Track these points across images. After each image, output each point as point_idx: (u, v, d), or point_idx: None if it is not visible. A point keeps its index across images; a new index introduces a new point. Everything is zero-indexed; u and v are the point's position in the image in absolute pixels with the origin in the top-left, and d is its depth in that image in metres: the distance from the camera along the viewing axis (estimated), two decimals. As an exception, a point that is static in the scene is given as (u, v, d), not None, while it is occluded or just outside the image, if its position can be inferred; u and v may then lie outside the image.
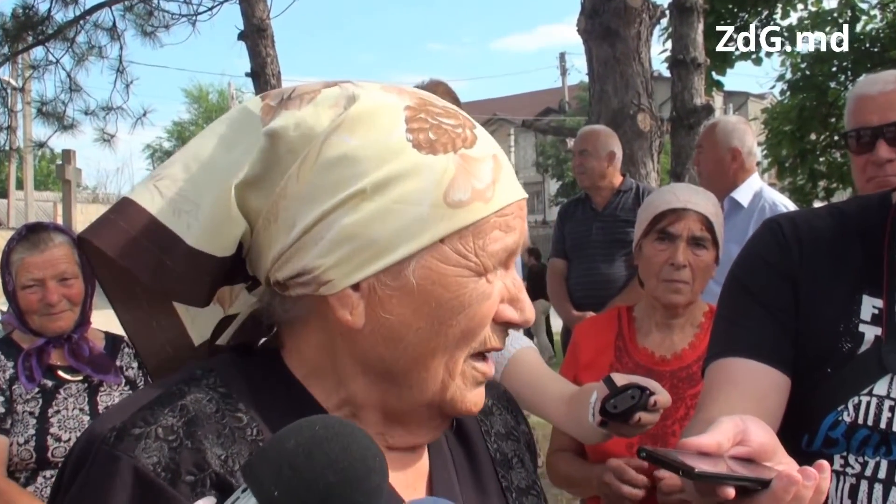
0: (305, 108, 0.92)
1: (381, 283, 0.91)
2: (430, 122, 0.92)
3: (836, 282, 1.50)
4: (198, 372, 0.96)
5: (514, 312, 0.98)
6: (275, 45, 9.24)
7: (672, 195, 2.44)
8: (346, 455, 0.76)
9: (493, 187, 0.93)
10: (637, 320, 2.53)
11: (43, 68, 10.11)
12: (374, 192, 0.89)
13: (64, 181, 15.00)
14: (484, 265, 0.93)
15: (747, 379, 1.47)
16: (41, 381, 2.75)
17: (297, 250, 0.91)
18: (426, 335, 0.93)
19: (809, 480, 0.98)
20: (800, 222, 1.58)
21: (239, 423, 0.93)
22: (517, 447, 1.19)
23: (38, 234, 2.77)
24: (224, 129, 0.96)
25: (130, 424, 0.88)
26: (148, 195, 0.95)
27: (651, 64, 6.14)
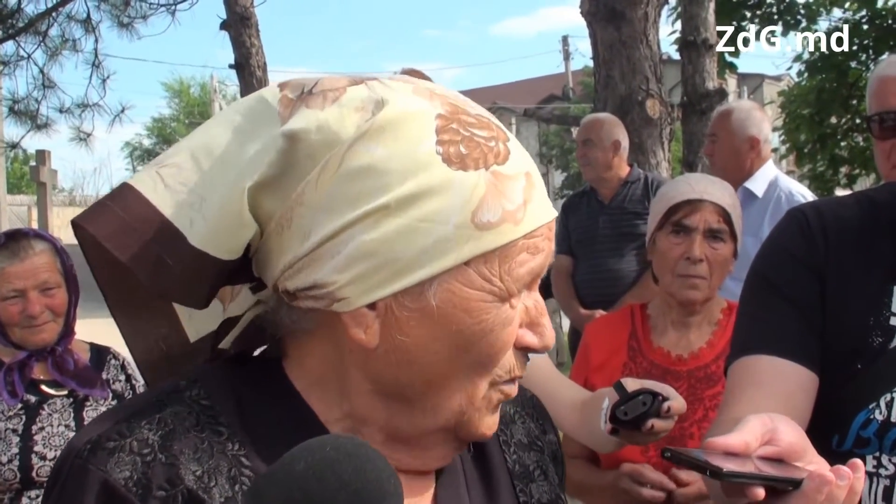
0: (329, 108, 0.90)
1: (399, 304, 0.90)
2: (462, 133, 0.90)
3: (866, 274, 1.51)
4: (182, 383, 0.96)
5: (534, 338, 0.97)
6: (259, 34, 9.26)
7: (687, 186, 2.45)
8: (359, 477, 0.75)
9: (524, 208, 0.91)
10: (651, 318, 2.53)
11: (14, 64, 10.10)
12: (399, 209, 0.87)
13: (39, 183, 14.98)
14: (509, 290, 0.92)
15: (773, 377, 1.47)
16: (24, 396, 2.74)
17: (311, 261, 0.90)
18: (443, 359, 0.92)
19: (843, 480, 0.99)
20: (826, 212, 1.58)
21: (219, 437, 0.92)
22: (540, 458, 1.17)
23: (17, 242, 2.75)
24: (238, 119, 0.94)
25: (105, 438, 0.89)
26: (150, 182, 0.93)
27: (660, 46, 6.13)
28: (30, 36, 9.91)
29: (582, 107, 23.99)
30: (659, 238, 2.45)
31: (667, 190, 2.51)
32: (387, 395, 0.95)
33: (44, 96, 10.16)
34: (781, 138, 15.84)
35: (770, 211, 4.06)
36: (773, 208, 4.07)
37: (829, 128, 14.73)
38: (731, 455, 1.02)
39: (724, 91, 6.53)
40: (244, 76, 9.16)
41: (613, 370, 2.46)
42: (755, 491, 0.98)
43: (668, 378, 2.40)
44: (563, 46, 38.88)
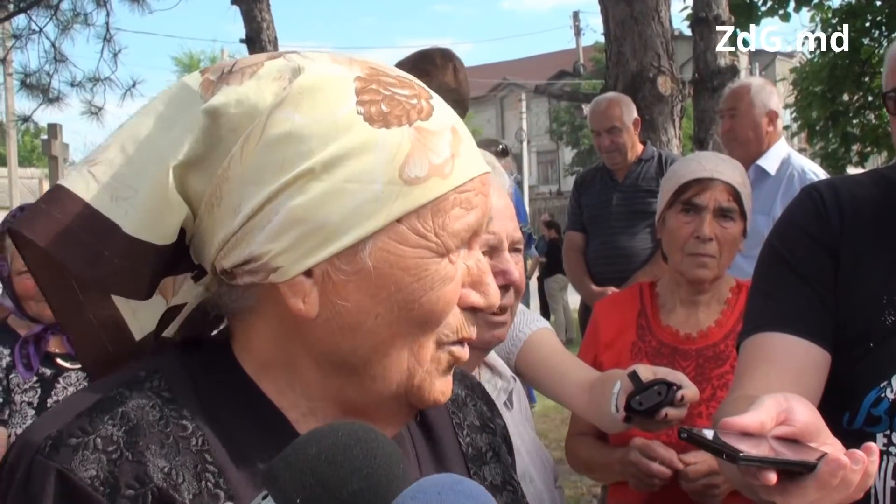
0: (248, 82, 0.90)
1: (335, 268, 0.89)
2: (382, 93, 0.90)
3: (879, 252, 1.51)
4: (141, 374, 0.94)
5: (479, 297, 0.96)
6: (270, 9, 9.23)
7: (697, 164, 2.44)
8: (370, 462, 0.76)
9: (451, 162, 0.91)
10: (660, 296, 2.54)
11: (25, 38, 10.11)
12: (323, 172, 0.87)
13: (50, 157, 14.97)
14: (445, 245, 0.91)
15: (786, 355, 1.48)
16: (39, 369, 2.76)
17: (244, 235, 0.89)
18: (386, 321, 0.91)
19: (857, 464, 0.99)
20: (841, 190, 1.58)
21: (183, 431, 0.91)
22: (492, 440, 1.17)
23: None
24: (161, 108, 0.93)
25: (67, 434, 0.86)
26: (82, 182, 0.92)
27: (671, 23, 6.10)
28: (41, 10, 9.91)
29: (593, 83, 23.87)
30: (669, 216, 2.45)
31: (677, 168, 2.51)
32: (334, 367, 0.94)
33: (55, 70, 10.18)
34: (793, 116, 15.76)
35: (783, 189, 4.05)
36: (785, 186, 4.06)
37: (842, 105, 14.64)
38: (746, 435, 1.03)
39: (736, 68, 6.49)
40: (255, 51, 9.12)
41: (622, 348, 2.47)
42: (767, 476, 0.98)
43: (677, 357, 2.42)
44: (575, 22, 38.65)
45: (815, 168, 4.31)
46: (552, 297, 14.48)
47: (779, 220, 1.63)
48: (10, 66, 12.21)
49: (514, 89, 36.88)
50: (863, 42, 14.04)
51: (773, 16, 12.58)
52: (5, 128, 15.19)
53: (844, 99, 14.63)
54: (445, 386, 0.98)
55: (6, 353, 2.78)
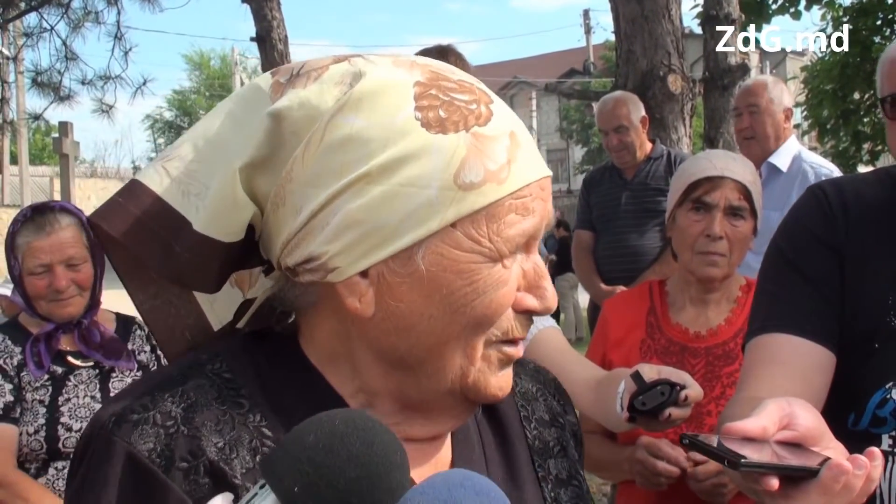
0: (311, 86, 0.92)
1: (390, 270, 0.91)
2: (441, 98, 0.92)
3: (885, 252, 1.50)
4: (203, 357, 0.99)
5: (535, 301, 0.97)
6: (281, 7, 9.24)
7: (708, 162, 2.44)
8: (367, 450, 0.77)
9: (507, 167, 0.92)
10: (670, 295, 2.53)
11: (37, 36, 10.14)
12: (380, 175, 0.89)
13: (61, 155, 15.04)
14: (499, 251, 0.92)
15: (790, 356, 1.48)
16: (50, 367, 2.76)
17: (305, 236, 0.92)
18: (439, 323, 0.93)
19: (860, 469, 0.99)
20: (846, 189, 1.57)
21: (240, 409, 0.95)
22: (561, 435, 1.18)
23: (43, 216, 2.75)
24: (233, 107, 0.97)
25: (129, 410, 0.92)
26: (157, 177, 0.97)
27: (682, 21, 6.09)
28: (52, 8, 9.94)
29: (603, 81, 23.85)
30: (679, 215, 2.45)
31: (687, 166, 2.51)
32: (390, 364, 0.96)
33: (66, 68, 10.21)
34: (804, 114, 15.71)
35: (797, 185, 4.04)
36: (800, 182, 4.05)
37: (853, 103, 14.58)
38: (748, 440, 1.02)
39: (747, 66, 6.47)
40: (265, 49, 9.14)
41: (631, 346, 2.47)
42: (770, 482, 0.98)
43: (686, 355, 2.41)
44: (585, 20, 38.59)
45: (827, 163, 4.30)
46: (562, 295, 14.47)
47: (784, 219, 1.62)
48: (22, 65, 12.26)
49: (524, 88, 36.86)
50: (874, 40, 13.99)
51: (784, 14, 12.54)
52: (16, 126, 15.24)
53: (855, 97, 14.58)
54: (502, 381, 0.99)
55: (17, 352, 2.77)
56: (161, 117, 47.26)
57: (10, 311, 5.65)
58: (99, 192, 27.45)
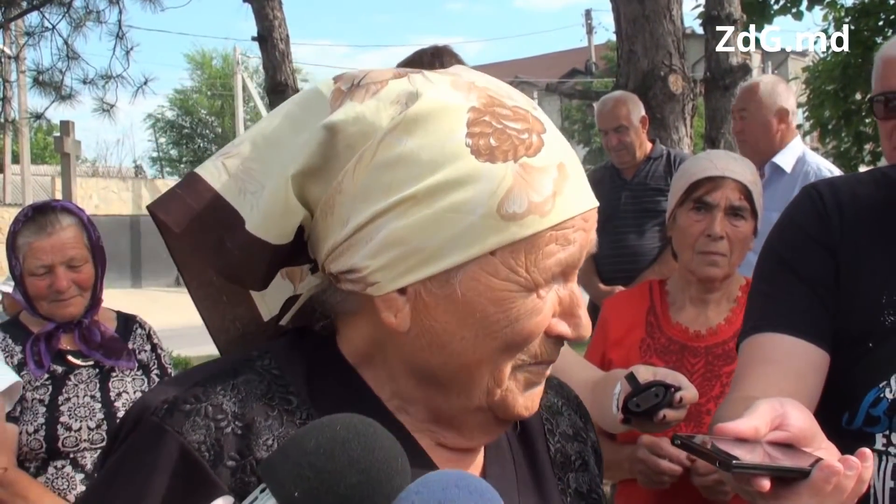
0: (368, 101, 0.94)
1: (427, 290, 0.94)
2: (493, 126, 0.92)
3: (879, 252, 1.51)
4: (254, 353, 1.01)
5: (567, 328, 0.98)
6: (282, 7, 9.24)
7: (709, 162, 2.44)
8: (368, 456, 0.77)
9: (552, 200, 0.92)
10: (670, 294, 2.54)
11: (38, 35, 10.14)
12: (426, 198, 0.91)
13: (62, 154, 15.08)
14: (535, 281, 0.93)
15: (785, 355, 1.48)
16: (50, 366, 2.76)
17: (349, 247, 0.94)
18: (471, 345, 0.95)
19: (851, 470, 0.99)
20: (841, 189, 1.58)
21: (288, 405, 0.97)
22: (583, 449, 1.20)
23: (45, 216, 2.74)
24: (294, 109, 0.99)
25: (182, 400, 0.93)
26: (215, 171, 0.99)
27: (683, 21, 6.09)
28: (54, 7, 9.95)
29: (604, 82, 23.85)
30: (679, 214, 2.45)
31: (688, 166, 2.51)
32: (422, 377, 0.98)
33: (68, 67, 10.21)
34: (805, 115, 15.69)
35: (799, 186, 4.04)
36: (801, 183, 4.05)
37: (854, 104, 14.55)
38: (740, 441, 1.02)
39: (748, 66, 6.47)
40: (267, 49, 9.14)
41: (631, 345, 2.47)
42: (761, 482, 0.99)
43: (686, 354, 2.41)
44: (587, 20, 38.58)
45: (830, 166, 4.30)
46: (563, 295, 14.44)
47: (779, 220, 1.63)
48: (23, 64, 12.25)
49: (526, 87, 36.86)
50: (875, 41, 13.96)
51: (786, 14, 12.53)
52: (18, 125, 15.26)
53: (857, 98, 14.55)
54: (528, 401, 1.01)
55: (18, 351, 2.77)
56: (163, 117, 47.18)
57: (11, 308, 5.66)
58: (100, 192, 27.47)
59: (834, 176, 3.73)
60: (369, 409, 0.95)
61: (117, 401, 2.80)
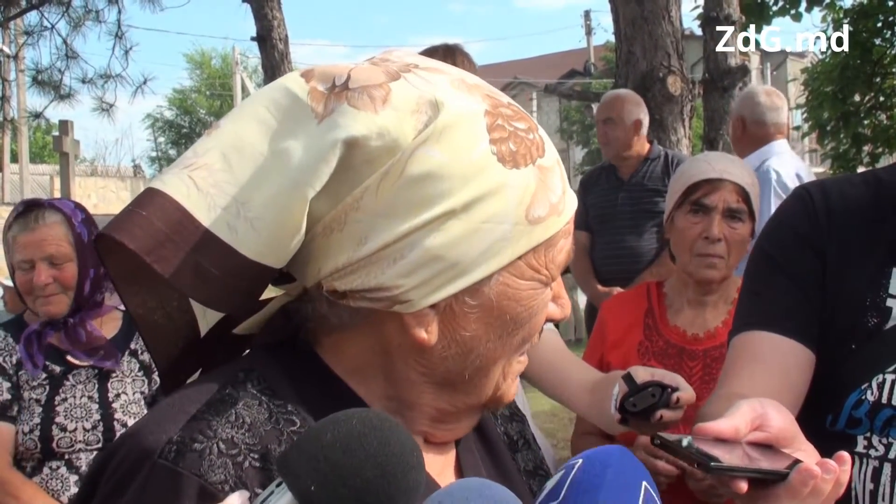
0: (384, 112, 0.88)
1: (459, 301, 0.93)
2: (507, 129, 0.92)
3: (866, 253, 1.51)
4: (240, 374, 0.95)
5: (557, 310, 1.02)
6: (281, 7, 9.24)
7: (707, 164, 2.44)
8: (384, 450, 0.77)
9: (563, 199, 0.96)
10: (668, 296, 2.53)
11: (37, 34, 10.14)
12: (462, 212, 0.89)
13: (61, 153, 15.06)
14: (552, 275, 0.97)
15: (771, 354, 1.49)
16: (46, 364, 2.75)
17: (368, 265, 0.90)
18: (494, 346, 0.96)
19: (829, 474, 1.00)
20: (831, 190, 1.58)
21: (293, 426, 0.93)
22: (522, 428, 1.23)
23: (31, 212, 2.73)
24: (266, 115, 0.90)
25: (190, 438, 0.87)
26: (183, 188, 0.88)
27: (682, 22, 6.09)
28: (53, 6, 9.95)
29: (603, 82, 23.85)
30: (677, 217, 2.45)
31: (686, 168, 2.51)
32: (437, 384, 0.98)
33: (67, 67, 10.22)
34: (804, 116, 15.70)
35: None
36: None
37: (853, 105, 14.56)
38: (720, 441, 1.03)
39: (747, 68, 6.47)
40: (266, 49, 9.15)
41: (629, 348, 2.47)
42: (738, 484, 0.99)
43: (684, 356, 2.41)
44: (586, 21, 38.57)
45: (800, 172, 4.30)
46: (561, 296, 14.43)
47: (769, 220, 1.64)
48: (22, 63, 12.25)
49: (525, 88, 36.85)
50: (874, 42, 13.98)
51: (785, 15, 12.51)
52: (17, 124, 15.24)
53: (856, 99, 14.57)
54: (514, 389, 1.04)
55: (17, 350, 2.76)
56: (162, 116, 47.22)
57: (12, 304, 5.66)
58: (99, 191, 27.44)
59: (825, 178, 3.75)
60: None
61: (115, 402, 2.78)
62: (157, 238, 0.86)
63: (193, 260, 0.87)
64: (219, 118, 0.97)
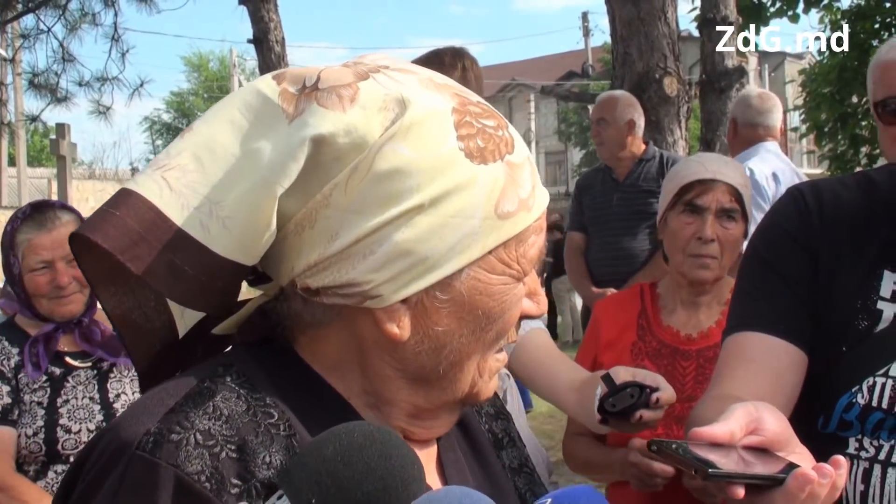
0: (352, 110, 0.90)
1: (430, 296, 0.94)
2: (475, 125, 0.94)
3: (858, 255, 1.51)
4: (218, 368, 0.96)
5: (533, 306, 1.03)
6: (278, 9, 9.25)
7: (700, 165, 2.44)
8: (384, 463, 0.78)
9: (533, 194, 0.97)
10: (661, 297, 2.54)
11: (34, 38, 10.17)
12: (431, 207, 0.91)
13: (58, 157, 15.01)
14: (524, 270, 0.98)
15: (763, 354, 1.49)
16: (48, 368, 2.75)
17: (339, 261, 0.91)
18: (467, 341, 0.97)
19: (825, 478, 1.00)
20: (823, 191, 1.58)
21: (271, 418, 0.93)
22: (507, 426, 1.23)
23: (44, 213, 2.75)
24: (238, 116, 0.92)
25: (167, 429, 0.87)
26: (156, 188, 0.90)
27: (678, 24, 6.10)
28: (50, 9, 9.97)
29: (601, 84, 23.85)
30: (670, 217, 2.45)
31: (679, 169, 2.51)
32: (411, 380, 0.99)
33: (63, 70, 10.25)
34: (802, 117, 15.71)
35: None
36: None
37: (850, 107, 14.56)
38: (715, 445, 1.03)
39: (744, 69, 6.47)
40: (263, 51, 9.16)
41: (623, 348, 2.47)
42: (735, 490, 0.99)
43: (678, 357, 2.42)
44: (583, 23, 38.58)
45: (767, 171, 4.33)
46: (559, 298, 14.47)
47: (762, 220, 1.64)
48: (19, 66, 12.26)
49: (523, 90, 36.87)
50: (872, 44, 13.96)
51: (782, 17, 12.52)
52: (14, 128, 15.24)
53: (853, 101, 14.56)
54: (492, 386, 1.05)
55: (15, 353, 2.76)
56: (159, 119, 47.20)
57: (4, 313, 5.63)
58: (97, 194, 27.42)
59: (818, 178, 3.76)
60: (338, 412, 0.95)
61: (116, 402, 2.80)
62: (131, 237, 0.88)
63: (167, 259, 0.89)
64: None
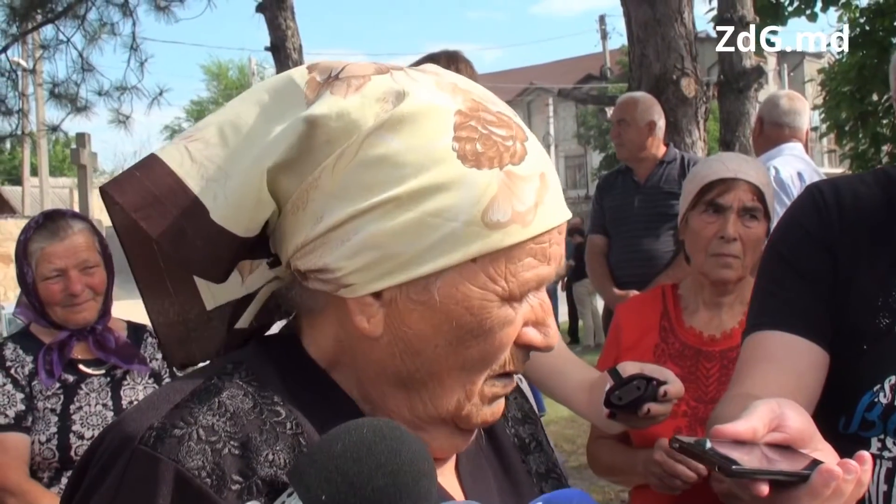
0: (351, 97, 0.90)
1: (404, 295, 0.91)
2: (479, 131, 0.91)
3: (877, 253, 1.49)
4: (228, 366, 0.96)
5: (538, 336, 0.98)
6: (295, 16, 9.29)
7: (721, 164, 2.42)
8: (394, 459, 0.77)
9: (534, 210, 0.92)
10: (683, 298, 2.52)
11: (53, 48, 10.26)
12: (409, 201, 0.88)
13: (79, 166, 15.12)
14: (511, 292, 0.93)
15: (785, 353, 1.48)
16: (62, 376, 2.77)
17: (321, 245, 0.91)
18: (444, 353, 0.93)
19: (850, 474, 0.98)
20: (843, 189, 1.57)
21: (277, 416, 0.93)
22: (534, 430, 1.21)
23: (56, 222, 2.78)
24: (265, 98, 0.95)
25: (170, 425, 0.88)
26: (178, 156, 0.94)
27: (695, 24, 6.07)
28: (69, 20, 10.05)
29: (619, 86, 23.81)
30: (692, 217, 2.43)
31: (700, 169, 2.49)
32: (391, 384, 0.96)
33: (83, 79, 10.33)
34: (822, 116, 15.62)
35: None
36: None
37: (871, 105, 14.46)
38: (738, 442, 1.02)
39: (762, 69, 6.44)
40: (280, 59, 9.21)
41: (645, 350, 2.45)
42: (759, 487, 0.98)
43: (701, 358, 2.40)
44: (601, 26, 38.53)
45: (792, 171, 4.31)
46: (580, 301, 14.43)
47: (781, 219, 1.63)
48: (40, 77, 12.36)
49: (541, 94, 36.88)
50: (892, 41, 13.88)
51: (800, 16, 12.47)
52: (35, 137, 15.37)
53: (873, 99, 14.46)
54: (492, 412, 1.00)
55: (29, 361, 2.78)
56: (179, 128, 47.52)
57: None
58: (118, 203, 27.58)
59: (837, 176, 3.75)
60: (346, 411, 0.94)
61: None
62: (146, 199, 0.92)
63: (178, 222, 0.92)
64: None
